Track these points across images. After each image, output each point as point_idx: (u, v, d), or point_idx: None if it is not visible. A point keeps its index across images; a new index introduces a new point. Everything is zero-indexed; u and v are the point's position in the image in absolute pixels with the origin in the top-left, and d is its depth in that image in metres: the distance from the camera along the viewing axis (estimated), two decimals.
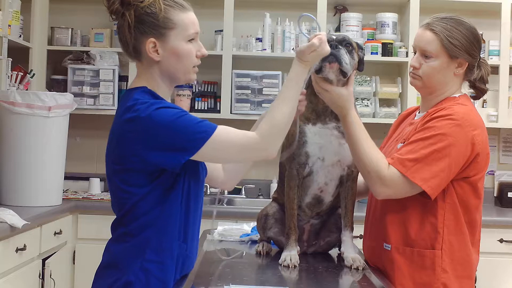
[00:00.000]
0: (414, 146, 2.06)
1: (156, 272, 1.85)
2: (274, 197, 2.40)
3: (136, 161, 1.82)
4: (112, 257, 1.90)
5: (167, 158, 1.79)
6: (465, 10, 4.33)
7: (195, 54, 1.92)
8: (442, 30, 2.12)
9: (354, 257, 2.16)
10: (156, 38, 1.86)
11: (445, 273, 2.09)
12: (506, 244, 3.83)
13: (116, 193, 1.91)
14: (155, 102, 1.82)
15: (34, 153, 3.57)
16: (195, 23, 1.93)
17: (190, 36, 1.90)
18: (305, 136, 2.15)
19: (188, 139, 1.77)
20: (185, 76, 1.93)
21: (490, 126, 4.33)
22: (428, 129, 2.07)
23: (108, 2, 1.87)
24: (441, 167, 2.03)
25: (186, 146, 1.78)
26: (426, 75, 2.16)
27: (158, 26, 1.86)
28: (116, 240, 1.91)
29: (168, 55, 1.88)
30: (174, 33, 1.87)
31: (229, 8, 4.30)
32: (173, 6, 1.88)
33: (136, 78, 1.95)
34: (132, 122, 1.80)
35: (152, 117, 1.78)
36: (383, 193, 2.07)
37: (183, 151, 1.78)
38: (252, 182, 4.52)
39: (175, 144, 1.78)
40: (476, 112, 2.16)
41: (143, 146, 1.79)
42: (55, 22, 4.44)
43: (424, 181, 2.02)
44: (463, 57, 2.13)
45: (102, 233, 3.69)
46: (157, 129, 1.78)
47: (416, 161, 2.03)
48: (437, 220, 2.09)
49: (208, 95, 4.45)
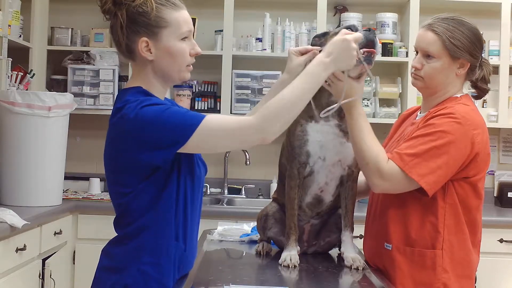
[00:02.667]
0: (414, 141, 2.06)
1: (153, 274, 1.85)
2: (274, 197, 2.40)
3: (128, 161, 1.82)
4: (111, 260, 1.90)
5: (158, 155, 1.78)
6: (465, 10, 4.33)
7: (188, 53, 1.90)
8: (443, 30, 2.12)
9: (354, 257, 2.16)
10: (149, 37, 1.85)
11: (445, 273, 2.09)
12: (506, 244, 3.83)
13: (112, 194, 1.92)
14: (143, 99, 1.81)
15: (34, 153, 3.57)
16: (188, 21, 1.91)
17: (183, 35, 1.88)
18: (307, 135, 2.15)
19: (176, 132, 1.76)
20: (179, 75, 1.91)
21: (490, 126, 4.30)
22: (428, 126, 2.07)
23: (101, 2, 1.87)
24: (439, 163, 2.03)
25: (174, 139, 1.77)
26: (428, 76, 2.16)
27: (150, 25, 1.85)
28: (115, 243, 1.92)
29: (161, 54, 1.87)
30: (166, 32, 1.86)
31: (229, 8, 4.30)
32: (165, 5, 1.87)
33: (131, 78, 1.95)
34: (121, 123, 1.80)
35: (139, 116, 1.77)
36: (380, 186, 2.07)
37: (172, 145, 1.77)
38: (252, 182, 4.52)
39: (163, 139, 1.77)
40: (478, 112, 2.16)
41: (134, 146, 1.79)
42: (55, 22, 4.44)
43: (421, 177, 2.03)
44: (465, 57, 2.13)
45: (102, 233, 3.71)
46: (144, 127, 1.77)
47: (415, 156, 2.03)
48: (437, 220, 2.09)
49: (208, 95, 4.46)
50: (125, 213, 1.88)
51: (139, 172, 1.83)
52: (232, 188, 4.55)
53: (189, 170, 1.90)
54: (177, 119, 1.77)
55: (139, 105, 1.79)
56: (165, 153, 1.78)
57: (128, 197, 1.85)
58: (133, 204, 1.85)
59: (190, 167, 1.91)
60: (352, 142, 2.11)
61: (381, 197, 2.22)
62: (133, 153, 1.80)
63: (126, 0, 1.84)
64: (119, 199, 1.88)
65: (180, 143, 1.77)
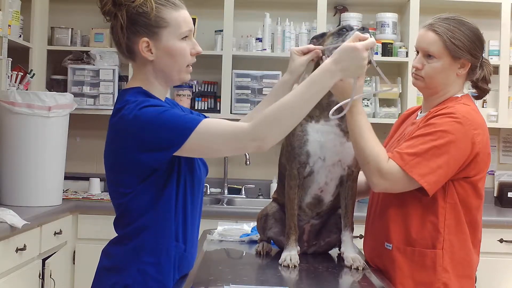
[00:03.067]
0: (414, 141, 2.06)
1: (153, 274, 1.85)
2: (274, 197, 2.40)
3: (127, 162, 1.82)
4: (111, 260, 1.90)
5: (156, 156, 1.78)
6: (465, 10, 4.33)
7: (189, 52, 1.89)
8: (444, 31, 2.12)
9: (354, 257, 2.16)
10: (149, 38, 1.85)
11: (446, 272, 2.09)
12: (506, 244, 3.83)
13: (112, 194, 1.92)
14: (142, 101, 1.81)
15: (34, 153, 3.57)
16: (188, 20, 1.90)
17: (184, 34, 1.88)
18: (307, 134, 2.15)
19: (172, 134, 1.76)
20: (179, 75, 1.91)
21: (490, 126, 4.29)
22: (429, 126, 2.07)
23: (101, 3, 1.86)
24: (439, 163, 2.03)
25: (170, 141, 1.76)
26: (429, 76, 2.16)
27: (151, 26, 1.85)
28: (115, 243, 1.92)
29: (162, 54, 1.87)
30: (167, 32, 1.86)
31: (229, 8, 4.30)
32: (165, 5, 1.86)
33: (132, 78, 1.95)
34: (121, 123, 1.80)
35: (137, 117, 1.77)
36: (381, 185, 2.07)
37: (168, 147, 1.77)
38: (252, 182, 4.52)
39: (160, 141, 1.76)
40: (478, 112, 2.16)
41: (132, 147, 1.79)
42: (55, 22, 4.44)
43: (421, 176, 2.02)
44: (466, 57, 2.13)
45: (102, 233, 3.71)
46: (142, 128, 1.77)
47: (415, 156, 2.03)
48: (438, 220, 2.09)
49: (208, 95, 4.46)
50: (125, 213, 1.88)
51: (138, 173, 1.83)
52: (232, 188, 4.55)
53: (189, 171, 1.90)
54: (174, 122, 1.76)
55: (138, 106, 1.79)
56: (162, 155, 1.78)
57: (127, 197, 1.85)
58: (133, 204, 1.85)
59: (190, 168, 1.91)
60: (352, 141, 2.11)
61: (381, 197, 2.22)
62: (132, 154, 1.80)
63: (125, 1, 1.84)
64: (119, 199, 1.88)
65: (176, 145, 1.76)
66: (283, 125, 1.76)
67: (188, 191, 1.90)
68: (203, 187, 2.01)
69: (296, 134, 2.15)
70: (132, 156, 1.80)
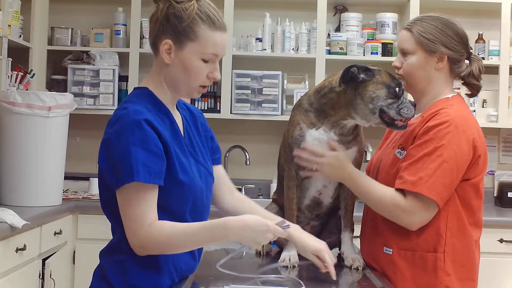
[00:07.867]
0: (422, 163, 2.04)
1: (144, 285, 1.83)
2: (274, 198, 2.40)
3: (101, 171, 1.83)
4: (102, 270, 1.89)
5: (108, 178, 1.79)
6: (465, 10, 4.33)
7: (205, 74, 1.85)
8: (417, 27, 2.16)
9: (354, 257, 2.16)
10: (173, 42, 1.82)
11: (447, 276, 2.08)
12: (506, 244, 3.83)
13: (102, 202, 1.90)
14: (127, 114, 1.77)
15: (34, 153, 3.57)
16: (219, 45, 1.83)
17: (206, 56, 1.82)
18: (305, 140, 2.14)
19: (115, 175, 1.75)
20: (187, 90, 1.87)
21: (490, 126, 4.33)
22: (429, 142, 2.05)
23: None
24: (451, 178, 2.03)
25: (113, 180, 1.76)
26: (407, 72, 2.18)
27: (179, 32, 1.81)
28: (106, 252, 1.90)
29: (178, 63, 1.83)
30: (191, 45, 1.82)
31: (229, 8, 4.29)
32: (204, 20, 1.81)
33: (148, 75, 1.93)
34: (106, 132, 1.80)
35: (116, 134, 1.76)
36: (413, 222, 2.06)
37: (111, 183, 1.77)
38: (252, 182, 4.52)
39: (110, 172, 1.77)
40: (470, 112, 2.16)
41: (101, 158, 1.79)
42: (55, 22, 4.43)
43: (438, 195, 2.03)
44: (441, 50, 2.14)
45: (102, 233, 3.68)
46: (111, 148, 1.76)
47: (429, 177, 2.02)
48: (439, 223, 2.08)
49: (208, 95, 4.45)
50: (113, 222, 1.88)
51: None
52: None
53: (172, 179, 1.82)
54: (121, 165, 1.74)
55: (117, 122, 1.77)
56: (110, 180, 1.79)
57: (110, 205, 1.83)
58: (115, 213, 1.82)
59: (174, 175, 1.82)
60: (364, 200, 2.13)
61: None
62: (100, 163, 1.81)
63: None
64: (104, 207, 1.88)
65: (114, 187, 1.78)
66: (166, 251, 1.81)
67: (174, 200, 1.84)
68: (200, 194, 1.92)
69: (295, 137, 2.15)
70: (101, 165, 1.81)
